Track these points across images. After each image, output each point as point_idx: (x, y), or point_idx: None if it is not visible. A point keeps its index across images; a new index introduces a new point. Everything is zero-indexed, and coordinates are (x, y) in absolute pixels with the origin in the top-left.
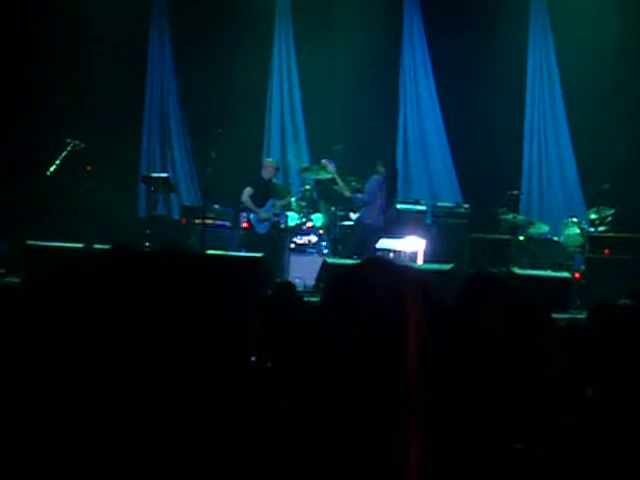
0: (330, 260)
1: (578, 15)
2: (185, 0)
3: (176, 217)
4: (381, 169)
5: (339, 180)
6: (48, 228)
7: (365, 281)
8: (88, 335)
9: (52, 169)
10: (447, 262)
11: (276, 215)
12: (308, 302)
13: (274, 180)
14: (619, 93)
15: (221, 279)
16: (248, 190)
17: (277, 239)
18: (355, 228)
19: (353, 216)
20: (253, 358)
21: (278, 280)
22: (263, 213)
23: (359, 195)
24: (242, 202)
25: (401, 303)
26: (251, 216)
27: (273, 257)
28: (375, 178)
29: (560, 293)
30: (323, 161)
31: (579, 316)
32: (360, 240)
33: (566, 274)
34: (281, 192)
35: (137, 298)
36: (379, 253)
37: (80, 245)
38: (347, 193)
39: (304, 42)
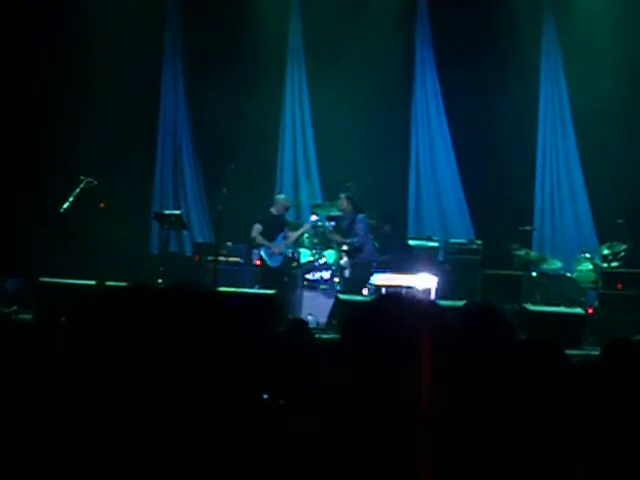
0: (343, 297)
1: (590, 51)
2: (198, 37)
3: (188, 254)
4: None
5: (332, 236)
6: (61, 265)
7: (381, 318)
8: (103, 375)
9: (66, 206)
10: (459, 299)
11: (289, 248)
12: (320, 339)
13: (285, 217)
14: (632, 129)
15: (233, 316)
16: (257, 226)
17: (290, 275)
18: (360, 268)
19: (343, 261)
20: (265, 396)
21: (290, 317)
22: (275, 247)
23: (355, 239)
24: (253, 239)
25: (415, 340)
26: (262, 251)
27: (286, 293)
28: (360, 218)
29: (573, 329)
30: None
31: (592, 352)
32: (368, 277)
33: (579, 310)
34: (292, 228)
35: (151, 336)
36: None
37: (93, 282)
38: (342, 240)
39: (316, 78)
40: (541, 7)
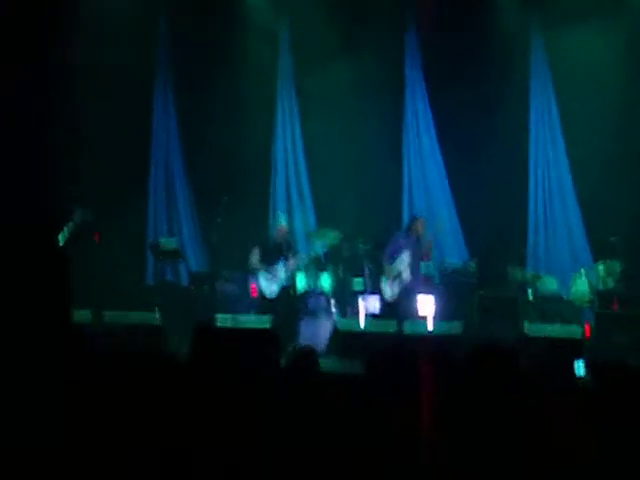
0: (342, 326)
1: (579, 68)
2: (189, 66)
3: (185, 284)
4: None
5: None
6: None
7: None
8: None
9: (61, 239)
10: (457, 321)
11: (286, 275)
12: (324, 371)
13: (285, 242)
14: (624, 148)
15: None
16: (255, 252)
17: (287, 303)
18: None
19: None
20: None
21: (296, 347)
22: (273, 272)
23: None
24: (250, 265)
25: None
26: (260, 278)
27: (283, 322)
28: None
29: (571, 353)
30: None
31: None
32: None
33: (577, 333)
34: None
35: None
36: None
37: (89, 314)
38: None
39: (307, 103)
40: (529, 28)
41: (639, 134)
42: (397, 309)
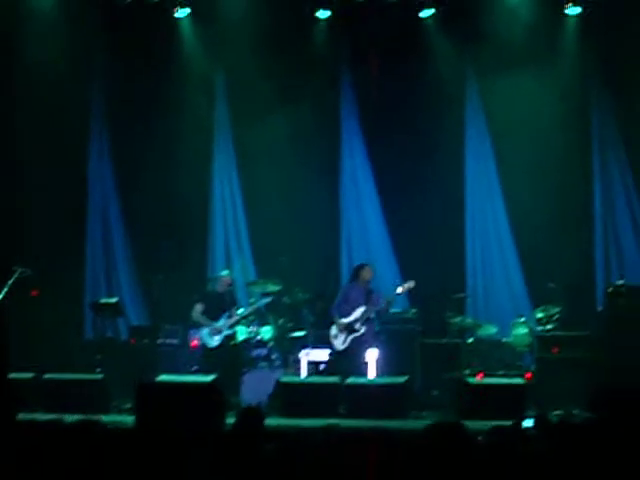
0: (285, 379)
1: (515, 115)
2: (125, 115)
3: (124, 338)
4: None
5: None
6: None
7: None
8: None
9: (0, 297)
10: (399, 369)
11: (231, 327)
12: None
13: (232, 294)
14: (560, 191)
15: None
16: (198, 307)
17: (229, 354)
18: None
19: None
20: None
21: (241, 406)
22: (216, 325)
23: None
24: (192, 319)
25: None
26: (203, 331)
27: (226, 374)
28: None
29: (515, 399)
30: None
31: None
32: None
33: (520, 380)
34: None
35: None
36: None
37: (30, 375)
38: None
39: (245, 154)
40: (464, 75)
41: (574, 181)
42: (346, 360)
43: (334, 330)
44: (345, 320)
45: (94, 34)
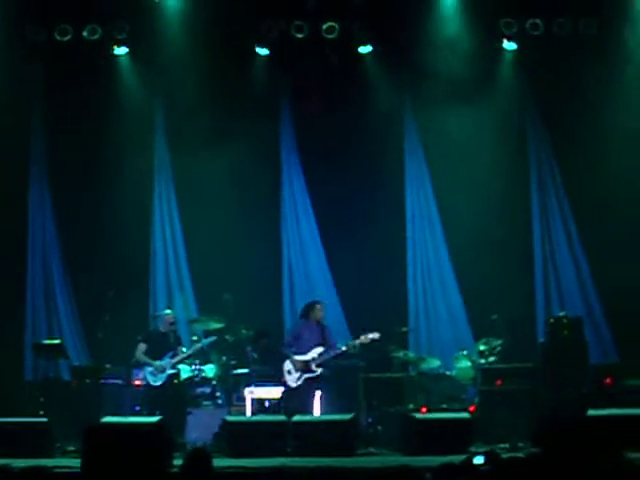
0: (231, 418)
1: (452, 148)
2: (63, 156)
3: (66, 378)
4: None
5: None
6: None
7: None
8: None
9: None
10: (343, 404)
11: (174, 366)
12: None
13: (175, 333)
14: (501, 223)
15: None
16: (141, 346)
17: (172, 393)
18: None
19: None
20: None
21: (187, 446)
22: (160, 364)
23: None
24: (136, 358)
25: None
26: (147, 370)
27: (170, 413)
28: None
29: (461, 434)
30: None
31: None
32: None
33: (465, 414)
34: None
35: None
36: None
37: None
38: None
39: (184, 190)
40: (403, 108)
41: (514, 214)
42: (296, 398)
43: (288, 365)
44: (301, 358)
45: (34, 77)
